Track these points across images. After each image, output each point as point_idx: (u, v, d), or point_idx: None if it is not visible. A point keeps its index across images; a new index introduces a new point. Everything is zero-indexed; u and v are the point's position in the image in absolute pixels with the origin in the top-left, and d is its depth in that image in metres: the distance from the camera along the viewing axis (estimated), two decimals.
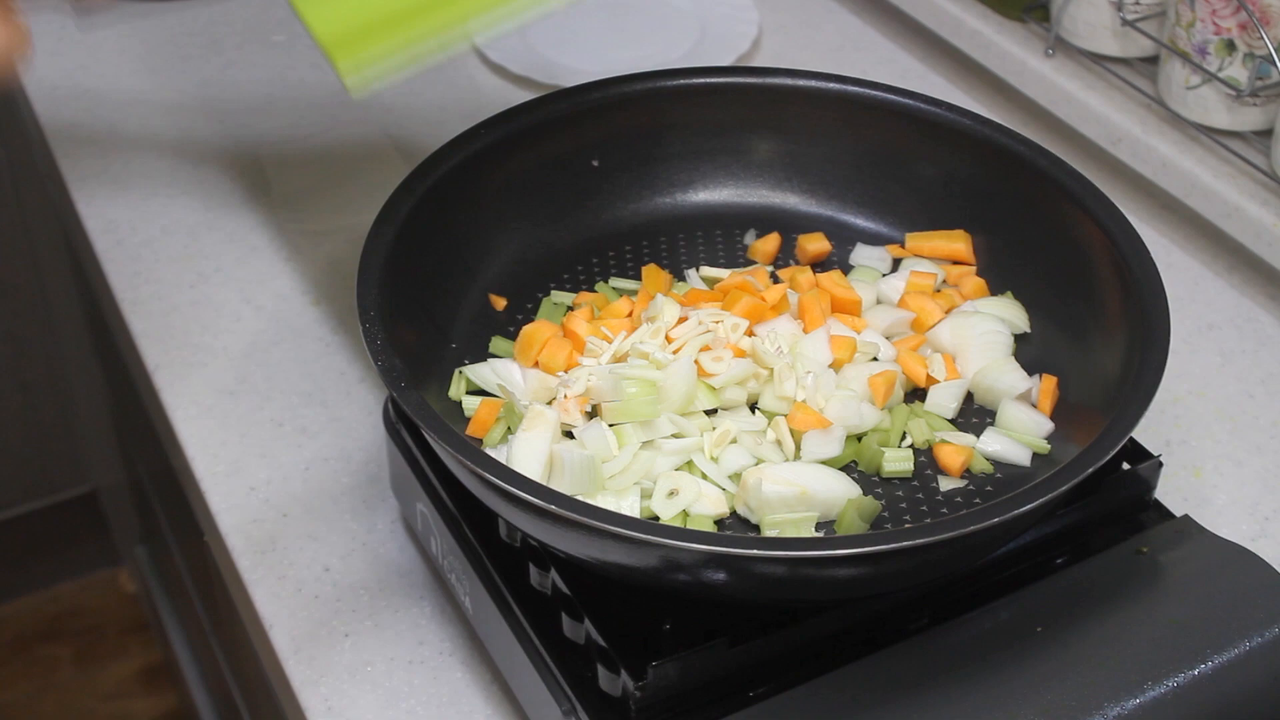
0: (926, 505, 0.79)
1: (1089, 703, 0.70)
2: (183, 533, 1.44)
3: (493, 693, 0.83)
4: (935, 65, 1.33)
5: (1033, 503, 0.68)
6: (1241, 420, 1.00)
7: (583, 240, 0.93)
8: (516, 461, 0.77)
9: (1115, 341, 0.81)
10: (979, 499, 0.79)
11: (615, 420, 0.79)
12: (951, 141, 0.91)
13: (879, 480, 0.80)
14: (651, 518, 0.76)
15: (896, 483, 0.80)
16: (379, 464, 0.96)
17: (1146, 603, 0.76)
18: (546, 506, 0.67)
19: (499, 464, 0.70)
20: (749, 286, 0.88)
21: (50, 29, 1.39)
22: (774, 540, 0.70)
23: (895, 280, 0.91)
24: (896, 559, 0.68)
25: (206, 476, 0.96)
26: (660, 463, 0.78)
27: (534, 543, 0.76)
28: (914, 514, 0.79)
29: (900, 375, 0.84)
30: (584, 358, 0.84)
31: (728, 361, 0.82)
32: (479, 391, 0.84)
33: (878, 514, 0.78)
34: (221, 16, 1.41)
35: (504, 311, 0.90)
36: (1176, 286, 0.82)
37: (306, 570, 0.90)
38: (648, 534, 0.67)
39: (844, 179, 0.95)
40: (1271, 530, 0.92)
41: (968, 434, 0.83)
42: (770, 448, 0.80)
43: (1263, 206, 1.06)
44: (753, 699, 0.72)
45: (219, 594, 1.20)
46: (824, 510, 0.77)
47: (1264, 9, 1.03)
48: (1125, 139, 1.15)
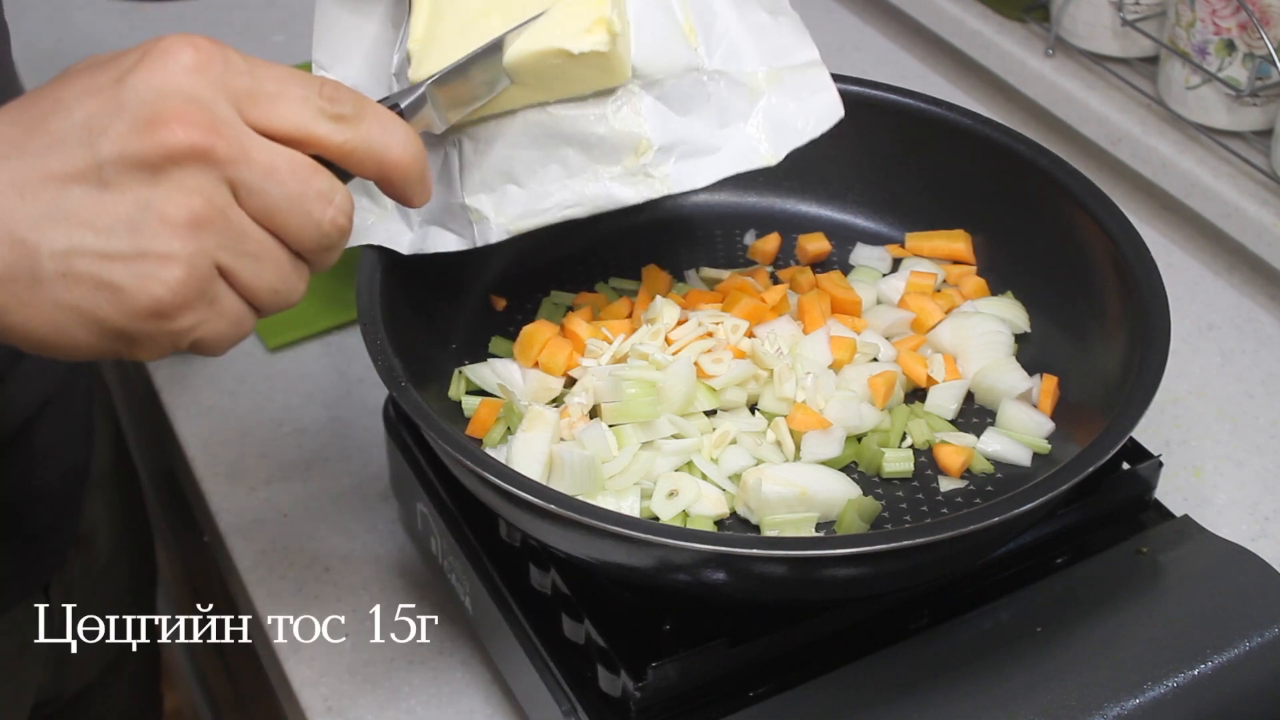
0: (927, 505, 0.79)
1: (1089, 703, 0.70)
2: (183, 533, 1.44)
3: (493, 693, 0.83)
4: (935, 65, 1.33)
5: (1032, 502, 0.68)
6: (1241, 420, 1.00)
7: (582, 240, 0.92)
8: (516, 462, 0.77)
9: (1116, 341, 0.80)
10: (979, 499, 0.79)
11: (615, 421, 0.79)
12: (951, 141, 0.91)
13: (879, 481, 0.80)
14: (651, 518, 0.76)
15: (897, 483, 0.80)
16: (379, 464, 0.96)
17: (1146, 603, 0.76)
18: (547, 507, 0.67)
19: (500, 464, 0.70)
20: (749, 287, 0.88)
21: (50, 28, 1.39)
22: (774, 540, 0.70)
23: (895, 280, 0.91)
24: (897, 559, 0.68)
25: (206, 476, 0.96)
26: (660, 463, 0.78)
27: (534, 543, 0.76)
28: (914, 514, 0.79)
29: (900, 376, 0.84)
30: (584, 358, 0.84)
31: (728, 363, 0.81)
32: (478, 391, 0.84)
33: (878, 514, 0.78)
34: (221, 16, 1.41)
35: (503, 311, 0.90)
36: (1176, 286, 0.82)
37: (306, 570, 0.90)
38: (648, 534, 0.67)
39: (844, 178, 0.95)
40: (1271, 530, 0.92)
41: (968, 434, 0.82)
42: (770, 448, 0.80)
43: (1263, 206, 1.06)
44: (753, 699, 0.72)
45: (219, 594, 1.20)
46: (824, 511, 0.77)
47: (1264, 9, 1.03)
48: (1125, 139, 1.15)
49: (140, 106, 0.56)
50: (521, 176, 0.77)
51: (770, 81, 0.80)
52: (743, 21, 0.80)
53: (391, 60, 0.79)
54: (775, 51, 0.81)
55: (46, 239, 0.56)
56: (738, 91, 0.79)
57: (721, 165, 0.78)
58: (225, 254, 0.58)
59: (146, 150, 0.56)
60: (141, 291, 0.57)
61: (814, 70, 0.81)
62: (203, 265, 0.58)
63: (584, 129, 0.76)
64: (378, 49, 0.80)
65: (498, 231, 0.77)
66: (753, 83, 0.80)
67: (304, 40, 1.38)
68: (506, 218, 0.77)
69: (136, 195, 0.56)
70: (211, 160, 0.57)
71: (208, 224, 0.57)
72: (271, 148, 0.59)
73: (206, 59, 0.58)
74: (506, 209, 0.77)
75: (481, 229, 0.77)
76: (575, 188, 0.77)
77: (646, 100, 0.76)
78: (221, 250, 0.58)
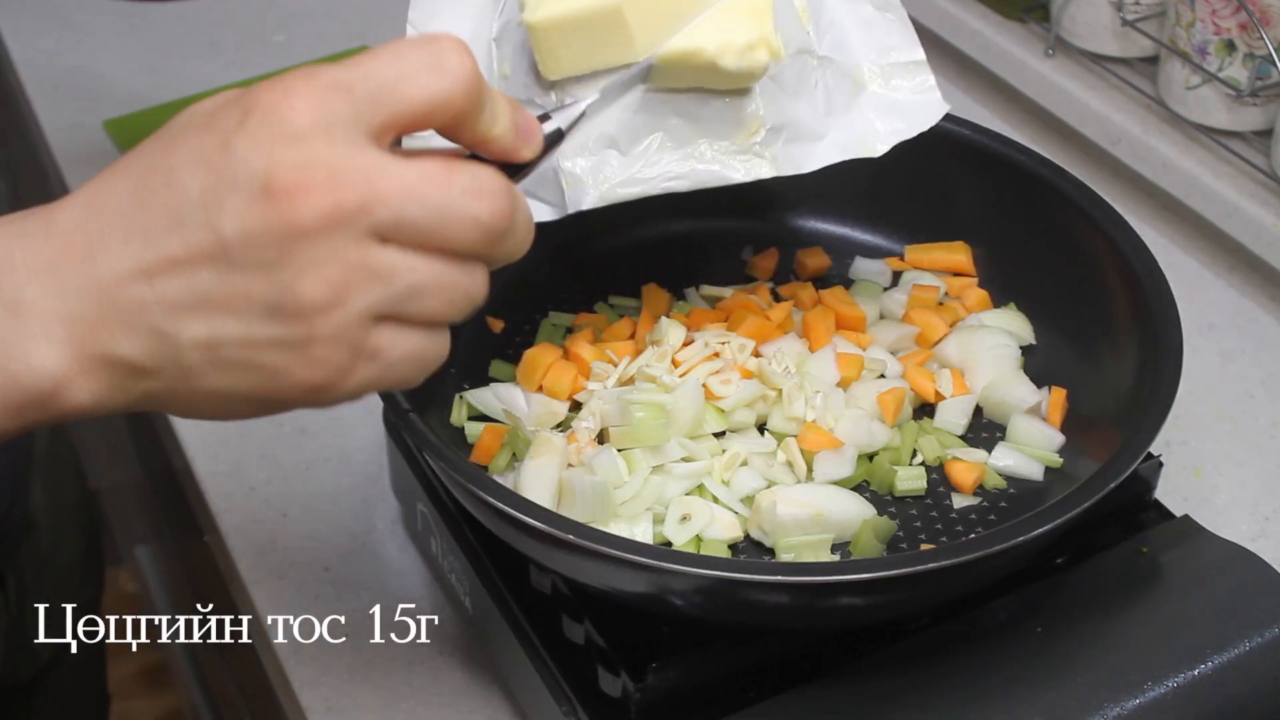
0: (941, 523, 0.78)
1: (1089, 703, 0.70)
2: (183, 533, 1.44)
3: (493, 693, 0.83)
4: (935, 65, 1.31)
5: (1057, 520, 0.68)
6: (1241, 420, 1.00)
7: (579, 258, 0.91)
8: (526, 489, 0.75)
9: (1125, 352, 0.80)
10: (994, 515, 0.79)
11: (624, 445, 0.78)
12: (949, 152, 0.90)
13: (891, 499, 0.80)
14: (664, 543, 0.75)
15: (909, 501, 0.80)
16: (379, 464, 0.96)
17: (1146, 603, 0.76)
18: (581, 542, 0.66)
19: (519, 497, 0.69)
20: (753, 305, 0.87)
21: (50, 28, 1.39)
22: (806, 566, 0.69)
23: (898, 294, 0.90)
24: (927, 581, 0.68)
25: (206, 476, 0.96)
26: (671, 487, 0.77)
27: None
28: (929, 532, 0.78)
29: (909, 392, 0.83)
30: (590, 382, 0.82)
31: (736, 383, 0.81)
32: (479, 416, 0.83)
33: (893, 534, 0.78)
34: (222, 16, 1.41)
35: (501, 334, 0.89)
36: (1176, 286, 0.81)
37: (306, 570, 0.90)
38: (706, 570, 0.66)
39: (841, 191, 0.94)
40: (1271, 530, 0.92)
41: (978, 449, 0.82)
42: (781, 469, 0.79)
43: (1263, 206, 1.06)
44: (753, 699, 0.72)
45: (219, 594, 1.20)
46: (839, 532, 0.76)
47: (1264, 9, 1.03)
48: (1125, 139, 1.14)
49: (253, 179, 0.52)
50: (623, 142, 0.73)
51: (875, 76, 0.78)
52: (851, 13, 0.78)
53: (494, 15, 0.74)
54: (881, 48, 0.79)
55: (185, 329, 0.54)
56: (842, 83, 0.77)
57: (828, 153, 0.76)
58: (379, 305, 0.54)
59: (269, 228, 0.52)
60: (296, 373, 0.54)
61: (919, 70, 0.79)
62: (354, 332, 0.54)
63: (695, 99, 0.72)
64: (477, 9, 0.75)
65: (592, 198, 0.72)
66: (857, 75, 0.78)
67: (304, 40, 1.38)
68: (605, 185, 0.73)
69: (269, 276, 0.53)
70: (338, 220, 0.53)
71: (350, 289, 0.53)
72: (398, 166, 0.54)
73: (307, 102, 0.53)
74: (605, 175, 0.73)
75: (574, 194, 0.72)
76: (682, 160, 0.73)
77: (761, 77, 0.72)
78: (373, 305, 0.54)
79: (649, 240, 0.94)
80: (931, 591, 0.71)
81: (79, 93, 1.31)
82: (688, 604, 0.69)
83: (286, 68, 1.25)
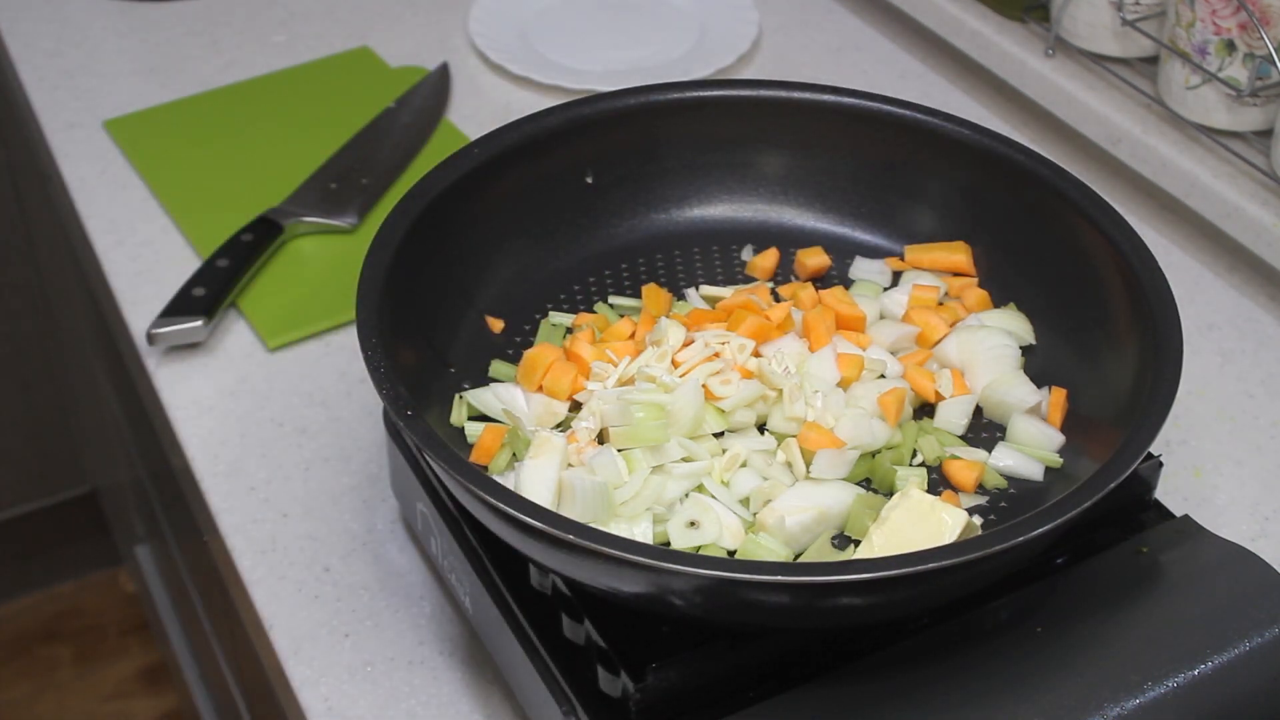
0: None
1: (1089, 703, 0.70)
2: (183, 533, 1.44)
3: (493, 693, 0.83)
4: (935, 65, 1.33)
5: (1059, 519, 0.67)
6: (1241, 420, 1.00)
7: (578, 259, 0.91)
8: (526, 489, 0.75)
9: (1124, 353, 0.80)
10: (995, 515, 0.79)
11: (624, 445, 0.78)
12: (950, 152, 0.90)
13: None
14: (664, 543, 0.75)
15: None
16: (379, 464, 0.96)
17: (1146, 603, 0.76)
18: (581, 542, 0.66)
19: (519, 498, 0.69)
20: (753, 305, 0.87)
21: (50, 28, 1.39)
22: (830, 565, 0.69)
23: (898, 294, 0.90)
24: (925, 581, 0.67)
25: (206, 476, 0.96)
26: (671, 488, 0.77)
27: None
28: None
29: (909, 392, 0.84)
30: (590, 381, 0.82)
31: (736, 384, 0.81)
32: (479, 416, 0.83)
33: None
34: (221, 16, 1.41)
35: (501, 334, 0.88)
36: (1176, 286, 0.81)
37: (306, 570, 0.90)
38: (708, 570, 0.66)
39: (841, 191, 0.94)
40: (1271, 530, 0.92)
41: (978, 449, 0.82)
42: (780, 469, 0.79)
43: (1263, 206, 1.06)
44: (753, 699, 0.72)
45: (219, 594, 1.20)
46: (839, 523, 0.77)
47: (1264, 9, 1.03)
48: (1125, 139, 1.15)
49: None
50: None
51: None
52: None
53: None
54: None
55: None
56: None
57: None
58: None
59: None
60: None
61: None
62: None
63: None
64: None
65: None
66: None
67: (305, 40, 1.38)
68: None
69: None
70: None
71: None
72: None
73: None
74: None
75: None
76: None
77: None
78: None
79: (647, 240, 0.94)
80: (931, 591, 0.71)
81: (79, 93, 1.31)
82: (688, 604, 0.69)
83: (286, 68, 1.25)
